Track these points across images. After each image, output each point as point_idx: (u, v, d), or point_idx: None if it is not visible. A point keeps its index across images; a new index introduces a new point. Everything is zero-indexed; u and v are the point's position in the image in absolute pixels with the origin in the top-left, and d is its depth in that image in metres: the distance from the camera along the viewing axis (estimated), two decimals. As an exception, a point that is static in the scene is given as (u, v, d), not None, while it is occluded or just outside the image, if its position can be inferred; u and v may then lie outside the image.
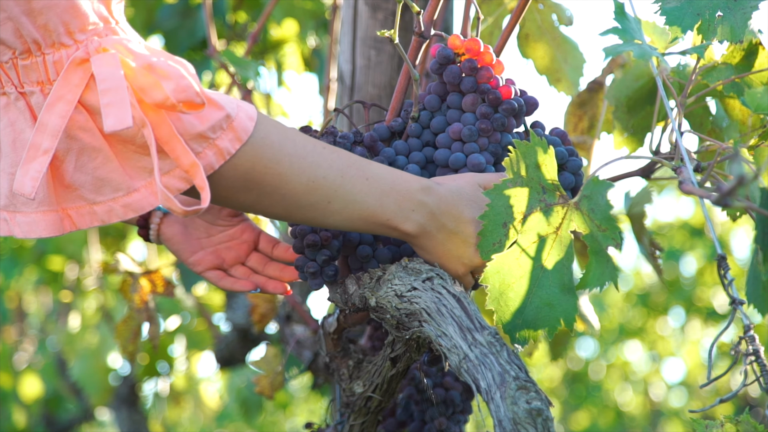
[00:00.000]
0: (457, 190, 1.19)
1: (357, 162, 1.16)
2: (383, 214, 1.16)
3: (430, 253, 1.20)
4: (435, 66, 1.28)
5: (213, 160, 1.09)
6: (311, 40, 3.18)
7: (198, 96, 1.06)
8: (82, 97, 1.06)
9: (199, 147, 1.08)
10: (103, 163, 1.08)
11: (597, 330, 1.82)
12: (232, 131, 1.09)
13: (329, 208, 1.15)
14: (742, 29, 1.26)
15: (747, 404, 4.52)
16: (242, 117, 1.10)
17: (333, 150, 1.15)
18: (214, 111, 1.08)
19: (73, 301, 4.04)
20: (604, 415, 6.74)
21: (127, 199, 1.09)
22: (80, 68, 1.06)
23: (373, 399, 1.37)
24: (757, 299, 1.19)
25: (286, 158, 1.12)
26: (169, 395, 4.43)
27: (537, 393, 0.99)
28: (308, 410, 6.49)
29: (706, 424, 1.13)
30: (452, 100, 1.28)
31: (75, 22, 1.06)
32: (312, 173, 1.13)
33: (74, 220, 1.10)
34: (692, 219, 6.01)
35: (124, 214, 1.09)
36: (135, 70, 1.06)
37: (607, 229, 1.17)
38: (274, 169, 1.11)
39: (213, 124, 1.08)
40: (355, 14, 1.83)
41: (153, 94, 1.06)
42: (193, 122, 1.07)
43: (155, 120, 1.07)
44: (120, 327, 1.91)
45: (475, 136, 1.26)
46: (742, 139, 1.47)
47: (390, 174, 1.17)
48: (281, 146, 1.12)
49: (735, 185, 0.89)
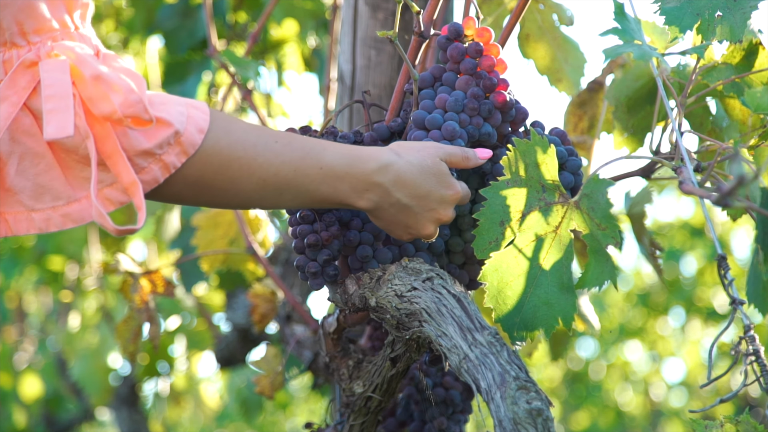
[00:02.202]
0: (418, 163, 1.19)
1: (311, 151, 1.16)
2: (336, 197, 1.17)
3: (380, 221, 1.22)
4: (443, 39, 1.28)
5: (158, 175, 1.08)
6: (311, 40, 3.18)
7: (146, 112, 1.05)
8: (28, 100, 1.05)
9: (144, 162, 1.07)
10: (45, 170, 1.06)
11: (597, 330, 1.82)
12: (179, 146, 1.08)
13: (281, 198, 1.16)
14: (741, 29, 1.26)
15: (747, 404, 4.52)
16: (191, 131, 1.09)
17: (286, 142, 1.15)
18: (161, 128, 1.07)
19: (73, 301, 4.04)
20: (604, 415, 6.73)
21: (66, 208, 1.08)
22: (29, 71, 1.05)
23: (372, 399, 1.37)
24: (758, 299, 1.19)
25: (235, 162, 1.11)
26: (169, 395, 4.43)
27: (537, 393, 1.00)
28: (308, 410, 6.48)
29: (706, 424, 1.13)
30: (447, 78, 1.28)
31: (30, 23, 1.05)
32: (263, 172, 1.13)
33: (11, 225, 1.08)
34: (692, 219, 6.01)
35: (62, 224, 1.08)
36: (85, 80, 1.05)
37: (606, 228, 1.17)
38: (223, 174, 1.11)
39: (160, 141, 1.07)
40: (355, 14, 1.83)
41: (101, 105, 1.05)
42: (140, 138, 1.07)
43: (100, 133, 1.06)
44: (120, 327, 1.91)
45: (459, 108, 1.25)
46: (742, 139, 1.47)
47: (346, 158, 1.17)
48: (230, 151, 1.11)
49: (735, 185, 0.89)
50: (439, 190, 1.19)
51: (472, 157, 1.23)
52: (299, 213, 1.27)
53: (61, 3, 1.08)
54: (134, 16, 3.18)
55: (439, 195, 1.19)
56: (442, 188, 1.20)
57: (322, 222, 1.26)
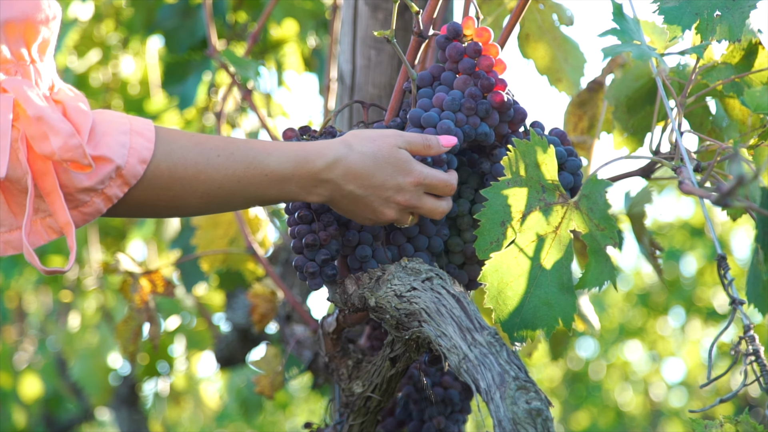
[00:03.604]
0: (372, 154, 1.19)
1: (255, 159, 1.16)
2: (285, 196, 1.19)
3: (338, 210, 1.23)
4: (442, 39, 1.28)
5: (101, 206, 1.11)
6: (311, 40, 3.18)
7: (84, 158, 1.06)
8: None
9: (87, 197, 1.09)
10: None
11: (597, 330, 1.82)
12: (121, 178, 1.10)
13: (230, 205, 1.19)
14: (740, 28, 1.26)
15: (747, 404, 4.52)
16: (132, 163, 1.10)
17: (229, 154, 1.15)
18: (102, 165, 1.09)
19: (73, 301, 4.03)
20: (604, 415, 6.73)
21: (8, 236, 1.10)
22: None
23: (372, 399, 1.37)
24: (758, 299, 1.19)
25: (177, 183, 1.13)
26: (169, 395, 4.43)
27: (537, 393, 0.99)
28: (308, 410, 6.49)
29: (706, 424, 1.13)
30: (445, 77, 1.28)
31: None
32: (206, 187, 1.15)
33: None
34: (692, 219, 6.01)
35: (4, 250, 1.10)
36: (28, 118, 1.06)
37: (605, 229, 1.17)
38: (166, 194, 1.13)
39: (101, 178, 1.09)
40: (355, 14, 1.83)
41: (41, 146, 1.06)
42: (81, 177, 1.08)
43: (42, 168, 1.07)
44: (120, 327, 1.91)
45: (456, 107, 1.25)
46: (742, 139, 1.47)
47: (292, 161, 1.17)
48: (171, 173, 1.13)
49: (735, 185, 0.89)
50: (395, 178, 1.19)
51: (434, 144, 1.22)
52: (297, 213, 1.27)
53: (20, 35, 1.09)
54: (134, 16, 3.18)
55: (394, 183, 1.19)
56: (400, 176, 1.19)
57: (320, 222, 1.26)
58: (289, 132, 1.32)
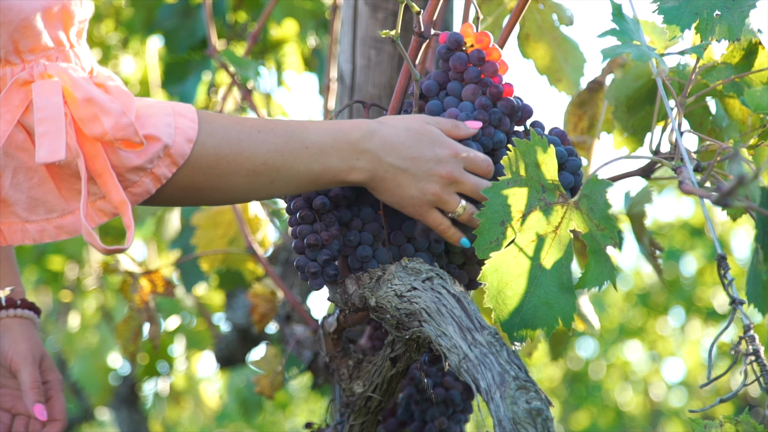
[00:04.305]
0: (404, 127, 1.19)
1: (294, 133, 1.16)
2: (328, 173, 1.17)
3: (383, 194, 1.20)
4: (443, 50, 1.28)
5: (150, 187, 1.11)
6: (311, 40, 3.18)
7: (136, 135, 1.07)
8: (22, 117, 1.06)
9: (136, 177, 1.10)
10: (38, 183, 1.08)
11: (597, 330, 1.82)
12: (169, 158, 1.10)
13: (274, 185, 1.17)
14: (739, 28, 1.26)
15: (747, 404, 4.52)
16: (180, 142, 1.10)
17: (269, 129, 1.16)
18: (151, 144, 1.09)
19: (73, 301, 4.04)
20: (604, 415, 6.73)
21: (60, 221, 1.10)
22: (22, 89, 1.07)
23: (372, 399, 1.37)
24: (758, 299, 1.19)
25: (223, 161, 1.13)
26: (169, 395, 4.43)
27: (537, 393, 1.00)
28: (308, 410, 6.49)
29: (706, 424, 1.13)
30: (452, 88, 1.28)
31: (25, 42, 1.07)
32: (251, 164, 1.14)
33: (5, 234, 1.10)
34: (692, 219, 6.01)
35: (56, 236, 1.10)
36: (77, 101, 1.07)
37: (605, 229, 1.17)
38: (213, 174, 1.13)
39: (150, 157, 1.09)
40: (355, 14, 1.83)
41: (91, 127, 1.06)
42: (130, 156, 1.09)
43: (91, 151, 1.08)
44: (120, 327, 1.91)
45: None
46: (742, 139, 1.47)
47: (329, 132, 1.17)
48: (216, 151, 1.13)
49: (735, 185, 0.89)
50: (432, 149, 1.18)
51: (462, 128, 1.22)
52: (299, 213, 1.27)
53: (58, 21, 1.10)
54: (134, 16, 3.18)
55: (432, 154, 1.18)
56: (436, 147, 1.19)
57: (322, 222, 1.26)
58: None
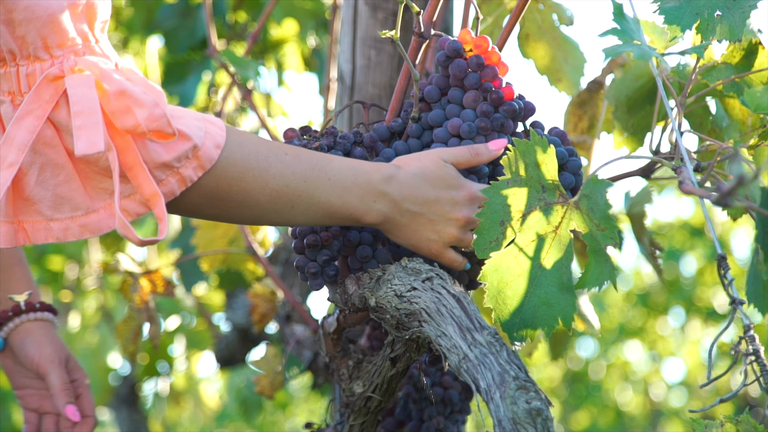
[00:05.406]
0: (420, 172, 1.19)
1: (319, 163, 1.17)
2: (346, 209, 1.18)
3: (398, 236, 1.21)
4: (442, 58, 1.28)
5: (175, 188, 1.10)
6: (311, 40, 3.18)
7: (169, 126, 1.06)
8: (51, 113, 1.06)
9: (162, 175, 1.09)
10: (65, 180, 1.08)
11: (597, 330, 1.82)
12: (197, 160, 1.10)
13: (293, 212, 1.17)
14: (740, 28, 1.26)
15: (747, 404, 4.52)
16: (209, 146, 1.10)
17: (295, 154, 1.16)
18: (181, 142, 1.09)
19: (73, 301, 4.03)
20: (604, 415, 6.73)
21: (85, 219, 1.10)
22: (52, 85, 1.07)
23: (372, 399, 1.37)
24: (758, 299, 1.19)
25: (249, 174, 1.13)
26: (169, 395, 4.43)
27: (537, 393, 0.99)
28: (308, 410, 6.48)
29: (706, 424, 1.13)
30: (453, 95, 1.28)
31: (53, 38, 1.06)
32: (275, 184, 1.14)
33: (29, 233, 1.09)
34: (692, 219, 6.01)
35: (80, 234, 1.10)
36: (108, 94, 1.06)
37: (605, 229, 1.17)
38: (237, 186, 1.13)
39: (179, 155, 1.09)
40: (355, 14, 1.83)
41: (124, 120, 1.06)
42: (159, 151, 1.08)
43: (122, 145, 1.07)
44: (120, 327, 1.91)
45: (474, 134, 1.25)
46: (742, 139, 1.47)
47: (352, 169, 1.18)
48: (244, 164, 1.13)
49: (735, 185, 0.89)
50: (448, 192, 1.19)
51: (483, 152, 1.23)
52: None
53: (83, 17, 1.09)
54: (134, 16, 3.18)
55: (448, 198, 1.19)
56: (452, 190, 1.20)
57: (322, 222, 1.26)
58: (290, 132, 1.32)
